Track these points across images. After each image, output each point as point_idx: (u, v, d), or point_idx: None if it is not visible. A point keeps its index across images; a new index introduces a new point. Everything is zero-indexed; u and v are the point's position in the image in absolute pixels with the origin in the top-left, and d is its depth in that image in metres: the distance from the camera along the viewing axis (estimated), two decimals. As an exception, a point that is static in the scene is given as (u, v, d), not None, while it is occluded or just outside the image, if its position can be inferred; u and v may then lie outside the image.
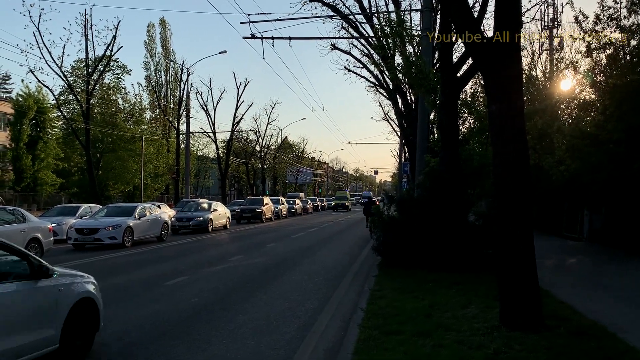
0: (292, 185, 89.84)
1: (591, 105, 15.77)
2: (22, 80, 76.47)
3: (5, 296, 4.76)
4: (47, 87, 39.02)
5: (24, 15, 53.55)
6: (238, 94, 53.67)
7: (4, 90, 68.13)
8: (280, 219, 38.92)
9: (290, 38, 17.09)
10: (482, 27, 8.36)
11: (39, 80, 37.33)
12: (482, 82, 12.38)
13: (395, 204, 12.66)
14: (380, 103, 40.40)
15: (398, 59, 18.68)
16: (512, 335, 5.91)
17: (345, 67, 27.47)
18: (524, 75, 11.36)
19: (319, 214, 51.27)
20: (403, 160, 39.00)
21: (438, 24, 17.56)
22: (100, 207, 22.90)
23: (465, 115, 16.06)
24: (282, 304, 8.48)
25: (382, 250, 12.07)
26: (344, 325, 7.06)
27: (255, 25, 15.98)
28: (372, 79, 28.46)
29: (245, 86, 53.93)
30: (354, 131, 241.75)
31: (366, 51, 25.65)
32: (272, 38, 17.04)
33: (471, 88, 17.52)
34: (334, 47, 25.14)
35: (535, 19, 23.20)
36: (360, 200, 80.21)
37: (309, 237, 22.10)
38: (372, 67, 26.44)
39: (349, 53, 26.36)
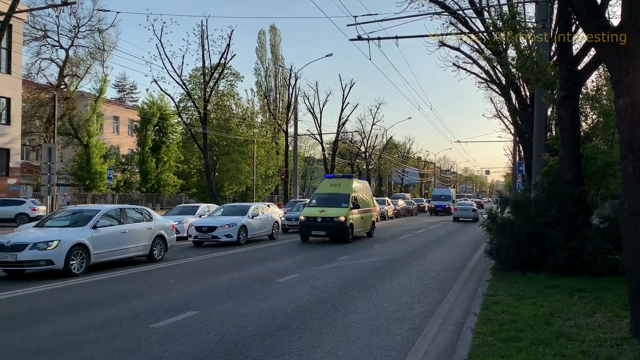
0: (398, 186, 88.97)
1: None
2: (147, 90, 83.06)
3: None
4: (169, 95, 42.25)
5: (148, 29, 58.37)
6: (343, 95, 54.22)
7: (131, 99, 74.62)
8: (385, 220, 38.73)
9: (397, 37, 16.89)
10: (606, 15, 7.76)
11: (161, 89, 40.64)
12: (607, 74, 11.47)
13: (510, 206, 12.11)
14: (491, 100, 38.79)
15: (511, 52, 17.84)
16: (645, 349, 5.43)
17: (454, 64, 26.71)
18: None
19: (425, 216, 50.27)
20: (517, 159, 37.08)
21: (555, 14, 16.52)
22: (217, 206, 24.26)
23: (587, 110, 14.94)
24: (392, 306, 8.45)
25: (495, 254, 11.59)
26: (456, 330, 6.90)
27: (362, 26, 16.02)
28: (483, 75, 27.40)
29: (350, 88, 54.23)
30: (464, 129, 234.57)
31: (476, 46, 24.72)
32: (379, 38, 16.95)
33: (593, 81, 16.30)
34: (442, 43, 24.45)
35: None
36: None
37: (416, 239, 21.79)
38: (483, 63, 25.46)
39: (457, 49, 25.57)
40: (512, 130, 36.91)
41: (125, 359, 5.68)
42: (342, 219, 19.36)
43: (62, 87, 42.90)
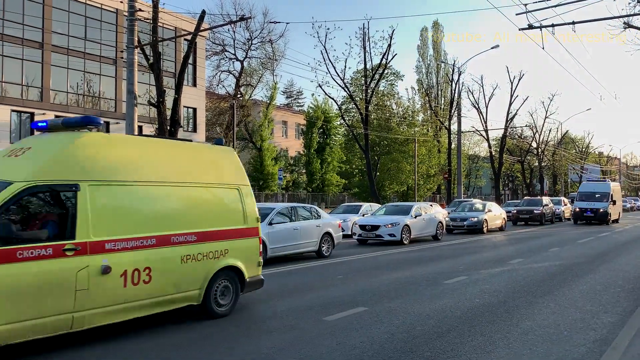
0: (576, 185, 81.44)
1: None
2: (312, 95, 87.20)
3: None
4: (332, 98, 43.72)
5: (313, 36, 61.10)
6: (512, 88, 51.19)
7: (298, 104, 78.86)
8: (562, 221, 35.75)
9: (573, 23, 15.54)
10: None
11: (325, 93, 42.05)
12: None
13: None
14: (691, 85, 33.48)
15: None
16: None
17: (642, 47, 23.68)
18: None
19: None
20: None
21: None
22: (380, 205, 24.56)
23: None
24: (573, 314, 7.76)
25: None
26: (653, 345, 6.11)
27: (533, 14, 15.02)
28: (681, 57, 23.87)
29: (519, 79, 50.86)
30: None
31: (672, 24, 21.68)
32: (552, 25, 15.78)
33: None
34: (628, 25, 21.89)
35: None
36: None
37: (599, 243, 19.74)
38: (680, 43, 22.19)
39: (647, 30, 22.63)
40: None
41: (302, 349, 6.00)
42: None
43: (239, 96, 46.99)
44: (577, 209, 32.69)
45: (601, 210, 31.42)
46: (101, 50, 33.46)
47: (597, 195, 32.66)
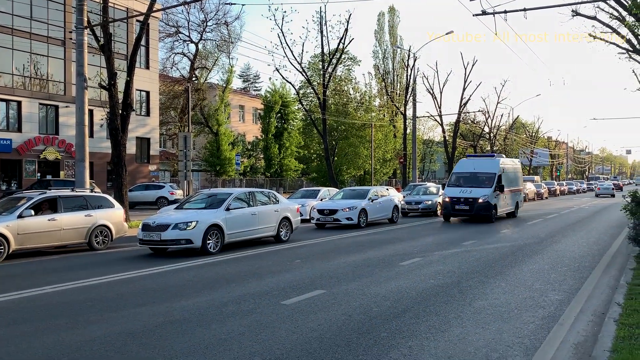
0: (526, 168, 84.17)
1: None
2: (270, 79, 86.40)
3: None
4: (290, 82, 43.39)
5: (270, 19, 60.50)
6: (465, 74, 51.98)
7: (255, 88, 77.92)
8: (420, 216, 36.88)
9: (525, 10, 15.92)
10: None
11: (283, 77, 41.56)
12: None
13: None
14: (634, 71, 34.94)
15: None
16: None
17: (590, 35, 24.50)
18: None
19: (557, 199, 47.19)
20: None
21: None
22: (338, 190, 24.72)
23: None
24: (523, 293, 8.07)
25: (640, 241, 10.15)
26: (597, 320, 6.44)
27: (487, 0, 15.27)
28: (625, 45, 24.82)
29: (473, 65, 51.63)
30: (601, 106, 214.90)
31: (616, 14, 22.50)
32: (505, 12, 16.11)
33: None
34: (576, 13, 22.57)
35: None
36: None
37: (548, 224, 20.51)
38: (624, 31, 23.07)
39: (594, 18, 23.38)
40: (659, 105, 33.19)
41: (260, 333, 6.02)
42: None
43: (194, 79, 46.04)
44: (447, 199, 22.04)
45: (480, 200, 21.17)
46: (49, 31, 32.02)
47: (481, 178, 22.34)
